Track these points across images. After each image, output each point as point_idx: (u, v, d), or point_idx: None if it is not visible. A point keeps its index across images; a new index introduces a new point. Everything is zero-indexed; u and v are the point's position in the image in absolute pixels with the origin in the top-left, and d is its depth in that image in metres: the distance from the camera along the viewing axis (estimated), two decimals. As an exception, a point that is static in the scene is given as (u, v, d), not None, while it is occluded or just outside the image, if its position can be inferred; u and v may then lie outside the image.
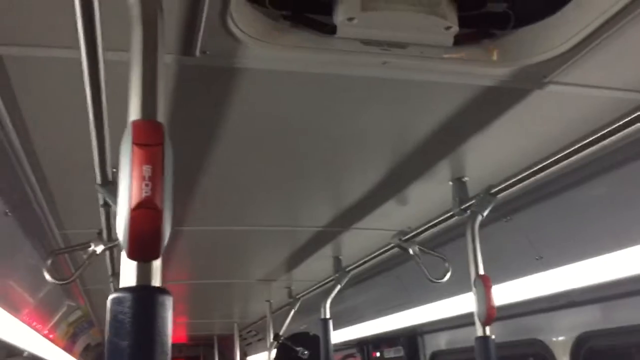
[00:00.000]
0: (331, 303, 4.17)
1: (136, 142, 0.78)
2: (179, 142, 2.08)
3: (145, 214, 0.76)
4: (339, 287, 4.02)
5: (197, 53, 1.51)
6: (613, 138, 1.87)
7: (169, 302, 0.79)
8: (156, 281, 0.80)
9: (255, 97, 1.79)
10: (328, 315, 4.14)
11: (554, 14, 1.57)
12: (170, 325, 0.79)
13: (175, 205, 2.70)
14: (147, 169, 0.76)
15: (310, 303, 5.06)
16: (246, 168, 2.44)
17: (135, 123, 0.81)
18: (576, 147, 2.01)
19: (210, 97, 1.77)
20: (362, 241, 3.64)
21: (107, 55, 1.28)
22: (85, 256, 2.61)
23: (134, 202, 0.76)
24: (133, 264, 0.79)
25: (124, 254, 0.79)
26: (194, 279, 5.06)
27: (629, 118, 1.76)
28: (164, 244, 0.78)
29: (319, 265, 4.24)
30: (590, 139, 1.93)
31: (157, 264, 0.80)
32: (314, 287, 4.79)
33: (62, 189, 2.51)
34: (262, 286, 5.21)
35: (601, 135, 1.89)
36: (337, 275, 4.03)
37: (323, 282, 4.58)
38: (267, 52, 1.54)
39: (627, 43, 1.56)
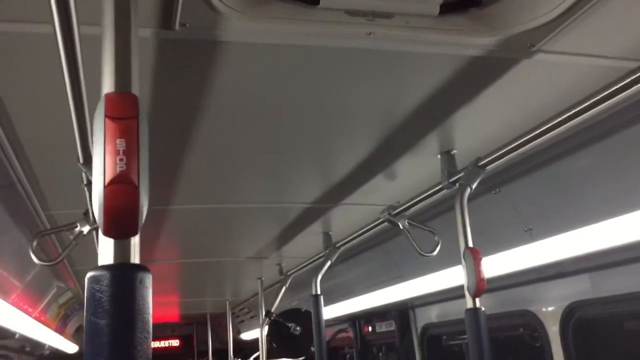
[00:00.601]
0: (322, 279, 4.17)
1: (109, 115, 0.75)
2: (163, 118, 2.08)
3: (121, 189, 0.73)
4: (329, 263, 4.02)
5: (177, 26, 1.47)
6: (602, 106, 1.85)
7: (148, 280, 0.77)
8: (135, 258, 0.77)
9: (237, 71, 1.76)
10: (319, 291, 4.15)
11: (541, -19, 1.55)
12: (150, 303, 0.77)
13: (162, 183, 2.68)
14: (121, 143, 0.74)
15: (301, 279, 5.07)
16: (232, 144, 2.41)
17: (108, 96, 0.77)
18: (564, 116, 1.99)
19: (192, 71, 1.73)
20: (351, 217, 3.63)
21: (82, 29, 1.24)
22: (71, 237, 2.58)
23: (109, 177, 0.73)
24: (110, 242, 0.76)
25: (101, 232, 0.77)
26: (185, 257, 5.05)
27: (618, 86, 1.74)
28: (141, 220, 0.76)
29: (309, 241, 4.24)
30: (579, 108, 1.91)
31: (135, 240, 0.77)
32: (305, 264, 4.79)
33: (46, 169, 2.47)
34: (252, 264, 5.21)
35: (590, 104, 1.87)
36: (327, 251, 4.03)
37: (313, 259, 4.58)
38: (249, 24, 1.50)
39: (614, 10, 1.53)
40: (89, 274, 0.76)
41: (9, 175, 2.49)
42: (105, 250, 0.77)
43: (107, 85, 0.79)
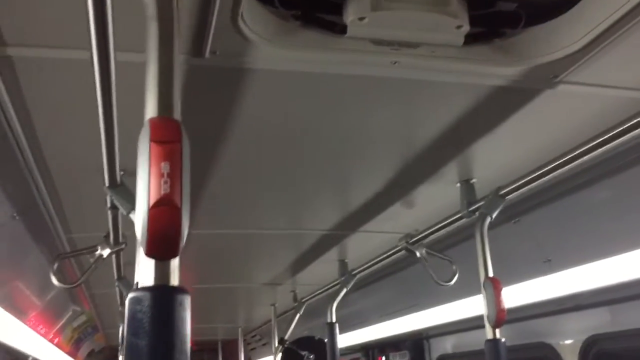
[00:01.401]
0: (337, 307, 4.15)
1: (154, 139, 0.77)
2: (189, 143, 2.10)
3: (165, 212, 0.75)
4: (345, 290, 4.00)
5: (207, 54, 1.51)
6: (623, 138, 1.86)
7: (187, 302, 0.78)
8: (175, 280, 0.79)
9: (264, 98, 1.79)
10: (334, 319, 4.12)
11: (564, 13, 1.57)
12: (189, 325, 0.78)
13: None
14: (165, 166, 0.76)
15: (315, 307, 5.04)
16: (253, 170, 2.43)
17: (152, 120, 0.80)
18: (586, 147, 2.00)
19: (220, 98, 1.76)
20: (368, 244, 3.62)
21: (118, 56, 1.27)
22: (91, 260, 2.60)
23: (153, 199, 0.75)
24: (151, 263, 0.78)
25: (141, 253, 0.78)
26: (199, 282, 5.04)
27: (639, 118, 1.75)
28: (182, 243, 0.77)
29: (324, 268, 4.23)
30: (601, 139, 1.92)
31: (175, 263, 0.79)
32: (320, 291, 4.77)
33: (69, 192, 2.51)
34: (267, 290, 5.19)
35: (611, 136, 1.88)
36: (343, 278, 4.01)
37: (328, 286, 4.56)
38: (277, 52, 1.53)
39: (636, 43, 1.55)
40: (130, 295, 0.77)
41: (33, 196, 2.53)
42: (146, 272, 0.78)
43: (151, 109, 0.82)
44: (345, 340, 5.86)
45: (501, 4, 1.61)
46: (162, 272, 0.78)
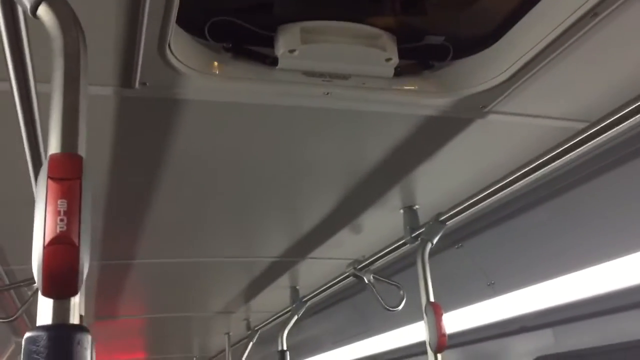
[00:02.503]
0: (290, 334, 4.12)
1: (51, 176, 0.76)
2: (126, 174, 2.08)
3: (60, 250, 0.74)
4: (296, 317, 3.98)
5: (137, 85, 1.50)
6: (553, 164, 1.91)
7: (86, 341, 0.76)
8: (74, 319, 0.77)
9: (198, 129, 1.79)
10: (285, 347, 4.09)
11: (490, 46, 1.63)
12: (89, 364, 0.77)
13: (126, 237, 2.66)
14: (62, 203, 0.75)
15: (268, 334, 4.99)
16: (196, 198, 2.41)
17: (52, 156, 0.79)
18: (519, 174, 2.05)
19: (153, 128, 1.76)
20: (318, 271, 3.62)
21: (39, 87, 1.26)
22: (30, 292, 2.53)
23: (48, 237, 0.74)
24: (49, 302, 0.76)
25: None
26: (151, 312, 4.95)
27: (566, 146, 1.81)
28: (81, 280, 0.76)
29: (276, 295, 4.20)
30: (532, 165, 1.98)
31: (75, 300, 0.77)
32: (272, 318, 4.73)
33: (4, 224, 2.44)
34: (220, 318, 5.12)
35: (542, 162, 1.93)
36: (294, 305, 4.00)
37: (281, 313, 4.53)
38: (209, 83, 1.54)
39: (558, 74, 1.61)
40: (27, 335, 0.76)
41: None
42: (44, 311, 0.77)
43: (53, 146, 0.81)
44: (300, 367, 5.81)
45: (429, 37, 1.66)
46: (59, 310, 0.77)
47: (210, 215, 2.64)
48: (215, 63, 1.54)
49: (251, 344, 5.09)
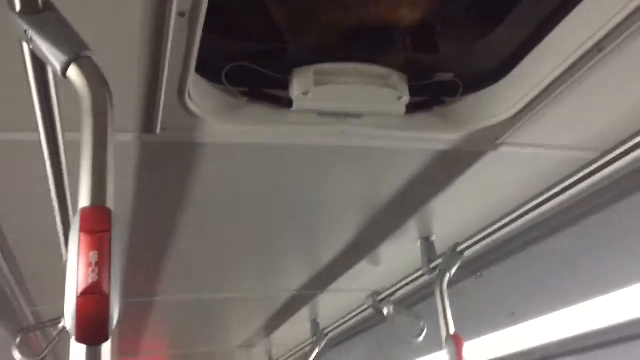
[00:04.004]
0: (312, 367, 4.11)
1: (83, 230, 0.81)
2: (147, 214, 2.14)
3: (92, 300, 0.78)
4: (317, 350, 3.98)
5: (158, 130, 1.56)
6: (567, 194, 1.94)
7: None
8: (105, 364, 0.81)
9: (218, 170, 1.84)
10: (308, 381, 4.08)
11: (500, 80, 1.66)
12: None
13: (147, 276, 2.70)
14: (93, 255, 0.79)
15: (291, 368, 4.98)
16: (216, 236, 2.46)
17: (83, 210, 0.84)
18: (534, 203, 2.08)
19: (174, 170, 1.81)
20: (338, 303, 3.63)
21: (67, 136, 1.32)
22: (55, 332, 2.57)
23: (81, 288, 0.78)
24: (82, 348, 0.80)
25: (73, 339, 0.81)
26: (173, 348, 4.97)
27: (579, 176, 1.84)
28: (112, 327, 0.80)
29: (297, 328, 4.21)
30: (546, 195, 2.00)
31: (106, 346, 0.81)
32: (294, 351, 4.73)
33: (31, 266, 2.50)
34: (241, 352, 5.12)
35: (555, 193, 1.96)
36: (315, 338, 4.00)
37: (302, 346, 4.53)
38: (226, 127, 1.60)
39: (568, 106, 1.64)
40: None
41: (-6, 272, 2.52)
42: (77, 357, 0.80)
43: (84, 199, 0.86)
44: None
45: (439, 74, 1.70)
46: (92, 357, 0.80)
47: (230, 252, 2.68)
48: (232, 107, 1.59)
49: (274, 377, 5.08)
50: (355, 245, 2.70)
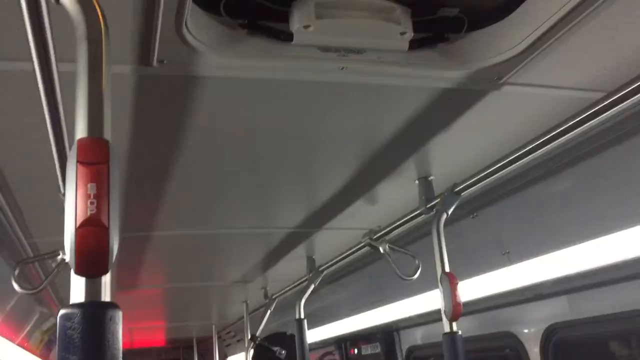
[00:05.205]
0: (307, 302, 4.20)
1: (80, 161, 0.79)
2: (144, 149, 2.12)
3: (91, 232, 0.77)
4: (312, 286, 4.05)
5: (154, 62, 1.52)
6: (569, 135, 1.92)
7: (118, 317, 0.81)
8: (105, 296, 0.81)
9: (215, 105, 1.81)
10: (302, 315, 4.17)
11: (505, 17, 1.62)
12: (120, 337, 0.81)
13: (146, 210, 2.72)
14: (92, 187, 0.78)
15: (286, 303, 5.08)
16: (213, 171, 2.45)
17: (80, 141, 0.82)
18: (535, 144, 2.06)
19: (171, 105, 1.78)
20: (334, 241, 3.67)
21: (60, 66, 1.28)
22: (54, 264, 2.59)
23: (80, 220, 0.77)
24: (81, 280, 0.80)
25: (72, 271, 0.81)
26: (170, 282, 5.06)
27: (582, 116, 1.81)
28: (112, 260, 0.80)
29: (293, 265, 4.27)
30: (548, 136, 1.98)
31: (106, 279, 0.81)
32: (289, 287, 4.82)
33: (28, 198, 2.50)
34: (238, 288, 5.22)
35: (558, 133, 1.94)
36: (310, 275, 4.06)
37: (298, 282, 4.61)
38: (225, 60, 1.55)
39: (575, 45, 1.60)
40: (61, 312, 0.80)
41: (-9, 204, 2.51)
42: (77, 289, 0.81)
43: (80, 130, 0.84)
44: (318, 334, 5.92)
45: (444, 9, 1.65)
46: (92, 289, 0.80)
47: (227, 187, 2.68)
48: (231, 40, 1.54)
49: (269, 311, 5.19)
50: (353, 184, 2.70)
